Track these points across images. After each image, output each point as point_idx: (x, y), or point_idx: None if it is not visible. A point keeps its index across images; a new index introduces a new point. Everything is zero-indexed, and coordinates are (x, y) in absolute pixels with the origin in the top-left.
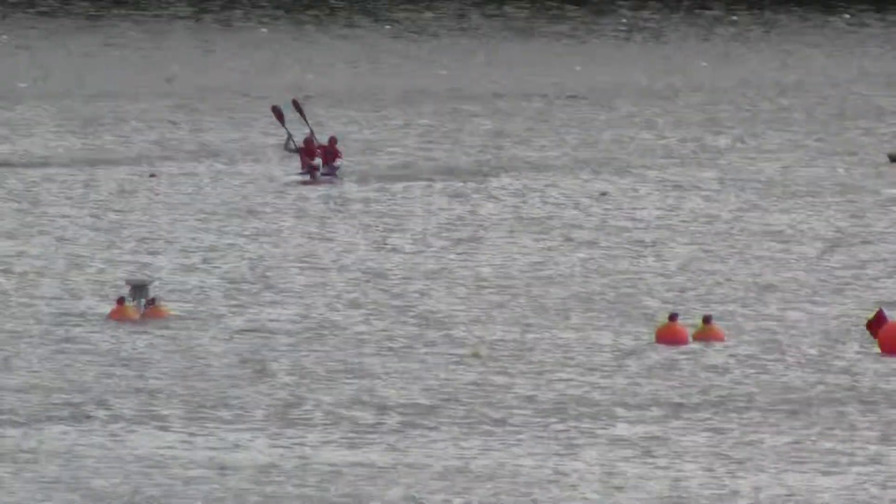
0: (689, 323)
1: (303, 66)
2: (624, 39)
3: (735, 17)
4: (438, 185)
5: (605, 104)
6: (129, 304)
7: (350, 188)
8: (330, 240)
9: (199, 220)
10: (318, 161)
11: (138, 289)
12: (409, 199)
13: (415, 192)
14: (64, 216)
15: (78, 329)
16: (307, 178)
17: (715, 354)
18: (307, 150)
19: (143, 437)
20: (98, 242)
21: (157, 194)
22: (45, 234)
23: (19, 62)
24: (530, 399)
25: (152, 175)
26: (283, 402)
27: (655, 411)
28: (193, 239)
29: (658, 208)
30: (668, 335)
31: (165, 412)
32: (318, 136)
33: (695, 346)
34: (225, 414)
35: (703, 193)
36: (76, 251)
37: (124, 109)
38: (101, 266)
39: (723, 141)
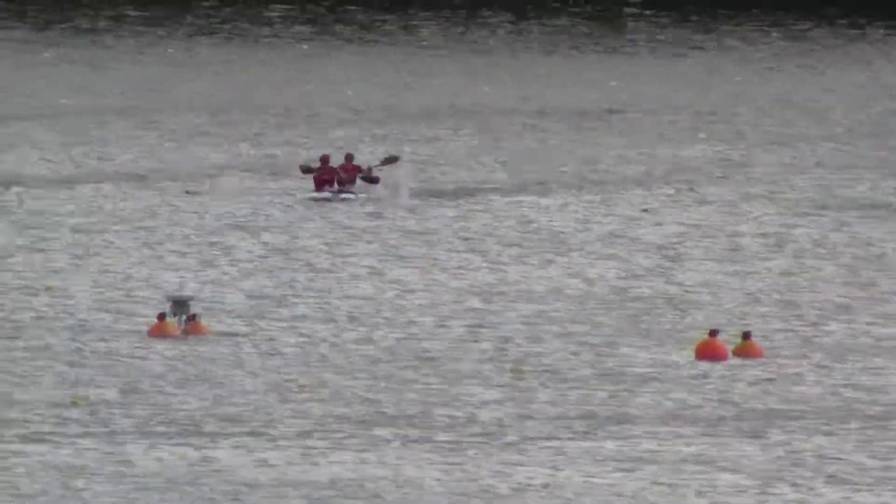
0: (729, 339)
1: (347, 80)
2: (659, 55)
3: (775, 33)
4: (498, 200)
5: (641, 120)
6: (170, 320)
7: (390, 206)
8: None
9: (240, 237)
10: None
11: (179, 305)
12: (454, 216)
13: (462, 209)
14: (104, 231)
15: (117, 345)
16: (325, 195)
17: (754, 370)
18: (323, 169)
19: (187, 453)
20: (139, 258)
21: (194, 210)
22: (84, 250)
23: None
24: (567, 413)
25: (188, 192)
26: (316, 419)
27: (696, 426)
28: (234, 255)
29: (699, 224)
30: (709, 351)
31: (204, 428)
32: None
33: (734, 361)
34: (263, 430)
35: (743, 209)
36: (117, 267)
37: (157, 123)
38: (141, 282)
39: (761, 156)
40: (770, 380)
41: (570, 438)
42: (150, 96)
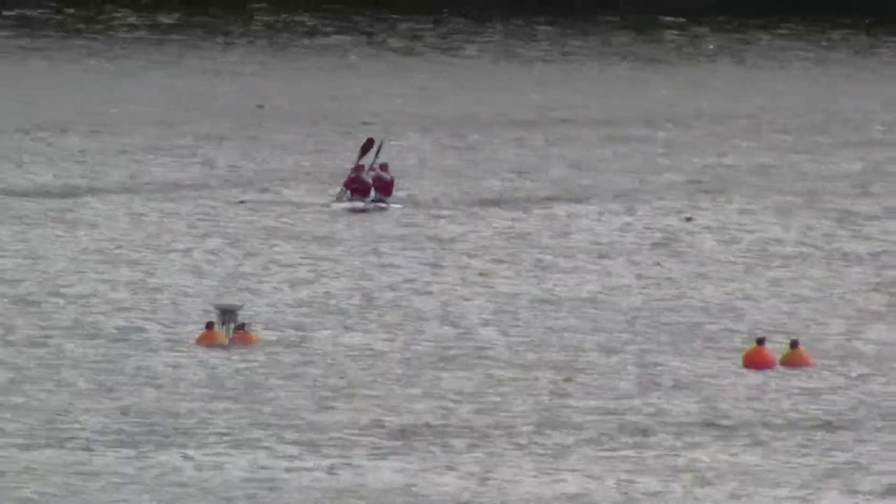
0: (776, 347)
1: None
2: (709, 63)
3: (825, 43)
4: (540, 208)
5: (687, 128)
6: (219, 329)
7: (428, 213)
8: (430, 264)
9: (292, 245)
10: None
11: (228, 314)
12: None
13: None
14: (152, 242)
15: (165, 353)
16: (359, 204)
17: (802, 378)
18: (356, 178)
19: (237, 462)
20: (189, 268)
21: (245, 220)
22: (132, 260)
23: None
24: (622, 420)
25: (241, 201)
26: (364, 427)
27: (742, 435)
28: (283, 264)
29: (746, 231)
30: (756, 359)
31: (251, 437)
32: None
33: (782, 370)
34: (313, 439)
35: (784, 216)
36: (165, 276)
37: (206, 133)
38: (190, 291)
39: (799, 163)
40: (817, 388)
41: (615, 448)
42: (194, 104)
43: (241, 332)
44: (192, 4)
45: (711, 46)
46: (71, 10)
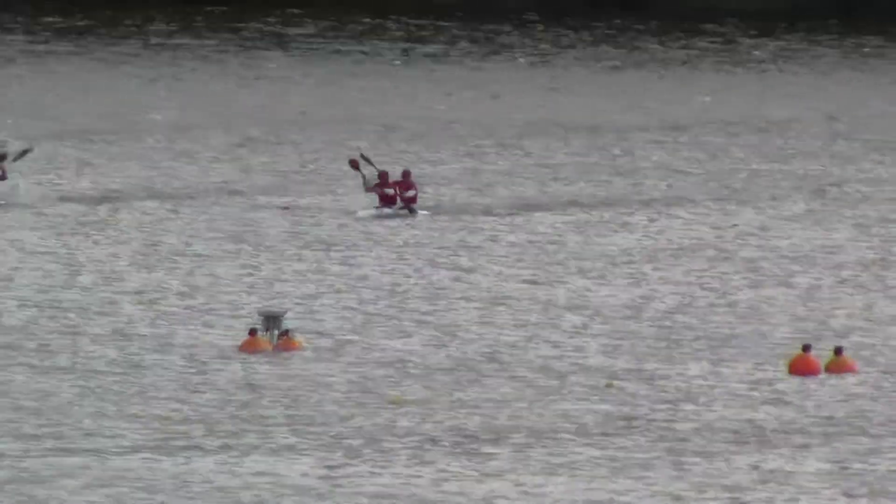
0: (821, 354)
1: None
2: (751, 69)
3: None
4: (580, 215)
5: (735, 134)
6: (262, 335)
7: (466, 220)
8: (464, 269)
9: (330, 252)
10: (390, 192)
11: (271, 320)
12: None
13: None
14: (192, 246)
15: (207, 360)
16: (387, 211)
17: (846, 385)
18: (383, 184)
19: (276, 468)
20: (231, 274)
21: (286, 227)
22: (175, 264)
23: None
24: (669, 428)
25: (285, 208)
26: (407, 434)
27: (788, 442)
28: (328, 271)
29: (787, 239)
30: (802, 366)
31: (292, 442)
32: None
33: (827, 376)
34: (357, 443)
35: (832, 223)
36: (208, 282)
37: (245, 138)
38: (234, 297)
39: (849, 171)
40: (861, 395)
41: (658, 456)
42: (240, 110)
43: (284, 338)
44: (230, 9)
45: (757, 52)
46: (108, 13)
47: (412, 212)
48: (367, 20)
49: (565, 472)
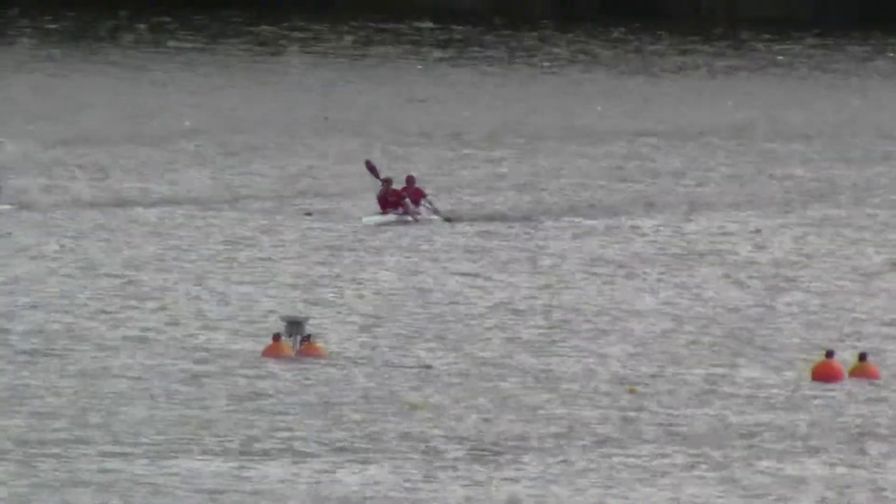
0: (844, 360)
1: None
2: (777, 74)
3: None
4: (607, 220)
5: (752, 140)
6: (285, 341)
7: (489, 226)
8: (482, 277)
9: (354, 258)
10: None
11: (294, 325)
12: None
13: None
14: (217, 251)
15: (230, 365)
16: (390, 218)
17: (870, 391)
18: (392, 192)
19: (301, 473)
20: (254, 280)
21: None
22: (191, 271)
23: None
24: (687, 433)
25: (308, 213)
26: (431, 440)
27: (811, 448)
28: (349, 277)
29: (812, 245)
30: (825, 372)
31: (313, 449)
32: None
33: (850, 382)
34: (382, 450)
35: (856, 229)
36: (232, 287)
37: (269, 143)
38: (256, 303)
39: (872, 177)
40: (885, 401)
41: (680, 462)
42: (256, 115)
43: (307, 343)
44: (259, 15)
45: (781, 57)
46: (124, 19)
47: (418, 217)
48: (390, 25)
49: (586, 478)
